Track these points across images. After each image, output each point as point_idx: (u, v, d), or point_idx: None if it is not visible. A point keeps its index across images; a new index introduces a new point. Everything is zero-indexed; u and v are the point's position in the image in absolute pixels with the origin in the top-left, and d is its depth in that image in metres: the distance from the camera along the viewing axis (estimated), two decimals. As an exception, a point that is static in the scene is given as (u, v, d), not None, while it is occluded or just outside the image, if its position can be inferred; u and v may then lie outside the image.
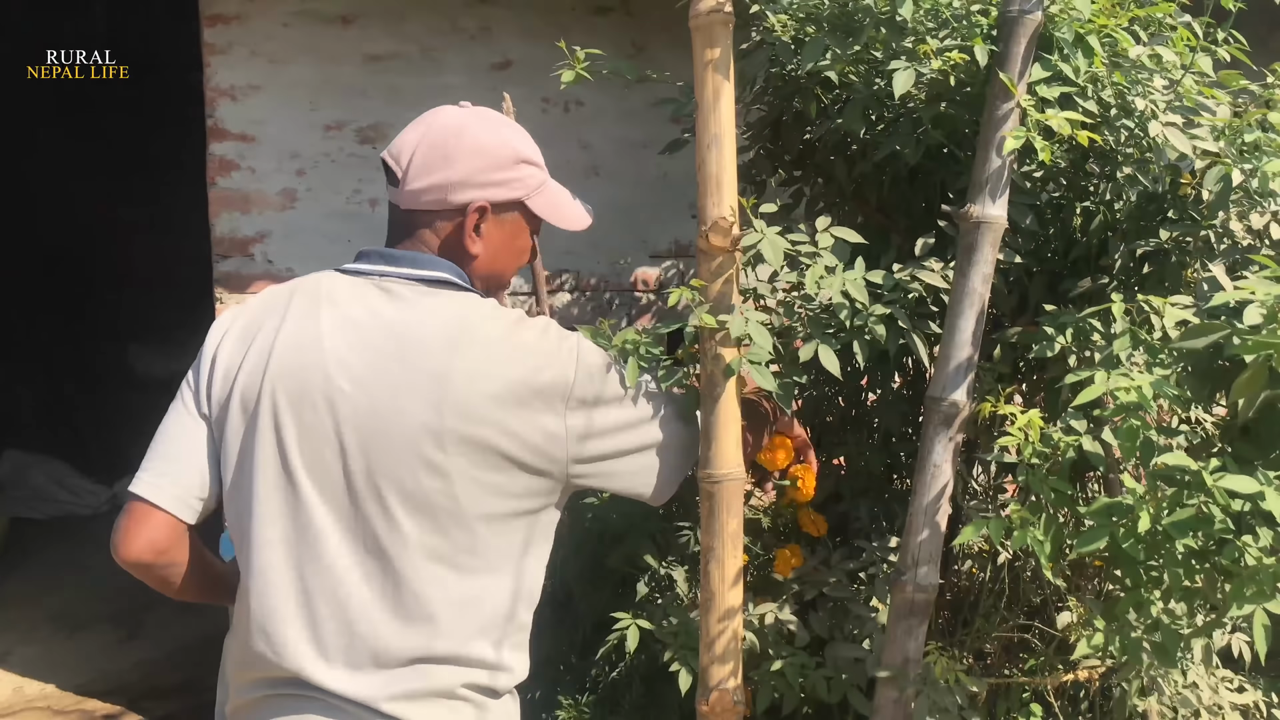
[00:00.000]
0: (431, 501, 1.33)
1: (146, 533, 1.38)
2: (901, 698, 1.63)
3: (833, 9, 1.74)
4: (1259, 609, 1.19)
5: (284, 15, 3.07)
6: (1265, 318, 1.17)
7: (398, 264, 1.42)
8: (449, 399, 1.32)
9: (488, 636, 1.38)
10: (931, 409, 1.61)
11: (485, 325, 1.39)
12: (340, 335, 1.36)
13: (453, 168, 1.42)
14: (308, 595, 1.33)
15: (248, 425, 1.35)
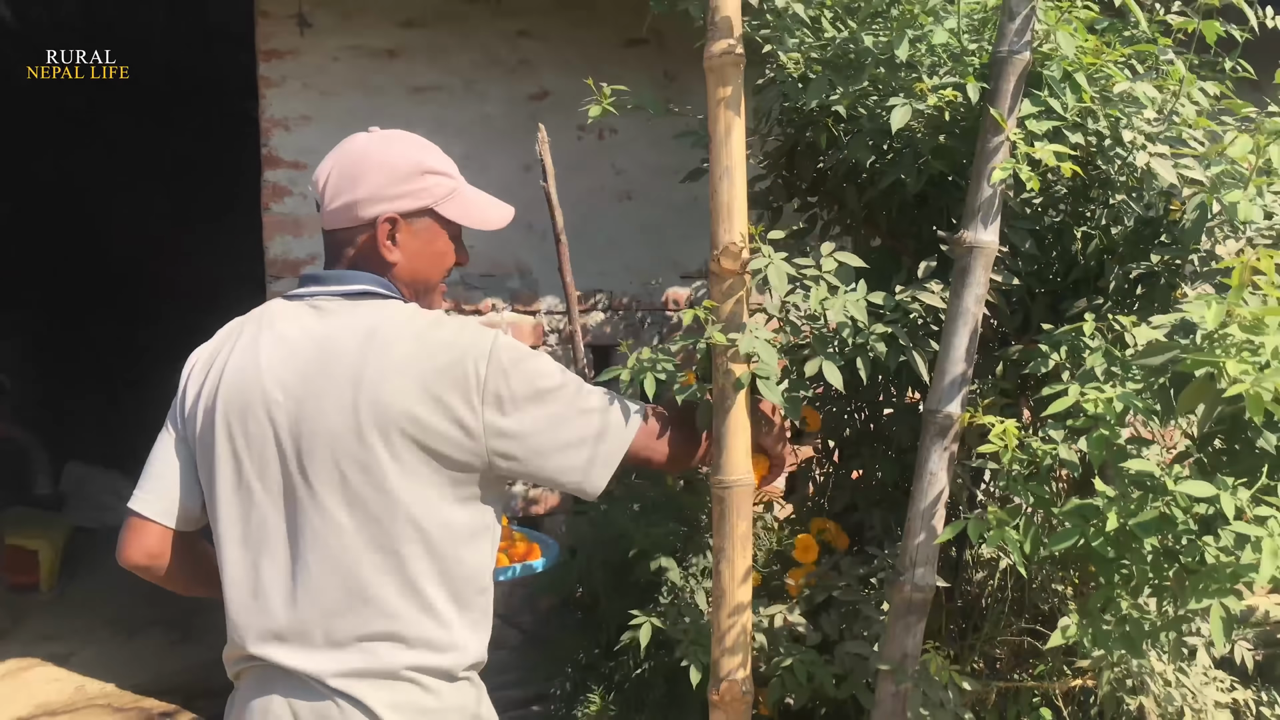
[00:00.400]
0: (362, 494, 1.45)
1: (140, 541, 1.57)
2: (899, 691, 1.74)
3: (836, 50, 1.88)
4: (1216, 603, 1.30)
5: (334, 50, 3.25)
6: (1203, 336, 1.28)
7: (326, 283, 1.57)
8: (363, 397, 1.45)
9: (432, 618, 1.49)
10: (928, 421, 1.73)
11: (397, 328, 1.51)
12: (274, 352, 1.51)
13: (359, 186, 1.55)
14: (263, 586, 1.48)
15: (214, 442, 1.51)
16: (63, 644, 4.44)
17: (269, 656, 1.47)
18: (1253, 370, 1.19)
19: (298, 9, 3.17)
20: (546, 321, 3.49)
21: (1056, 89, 1.74)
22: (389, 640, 1.47)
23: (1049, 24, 1.74)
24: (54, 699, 3.88)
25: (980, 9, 1.88)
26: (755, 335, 1.69)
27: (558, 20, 3.43)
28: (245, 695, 1.53)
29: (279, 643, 1.47)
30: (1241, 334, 1.23)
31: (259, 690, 1.50)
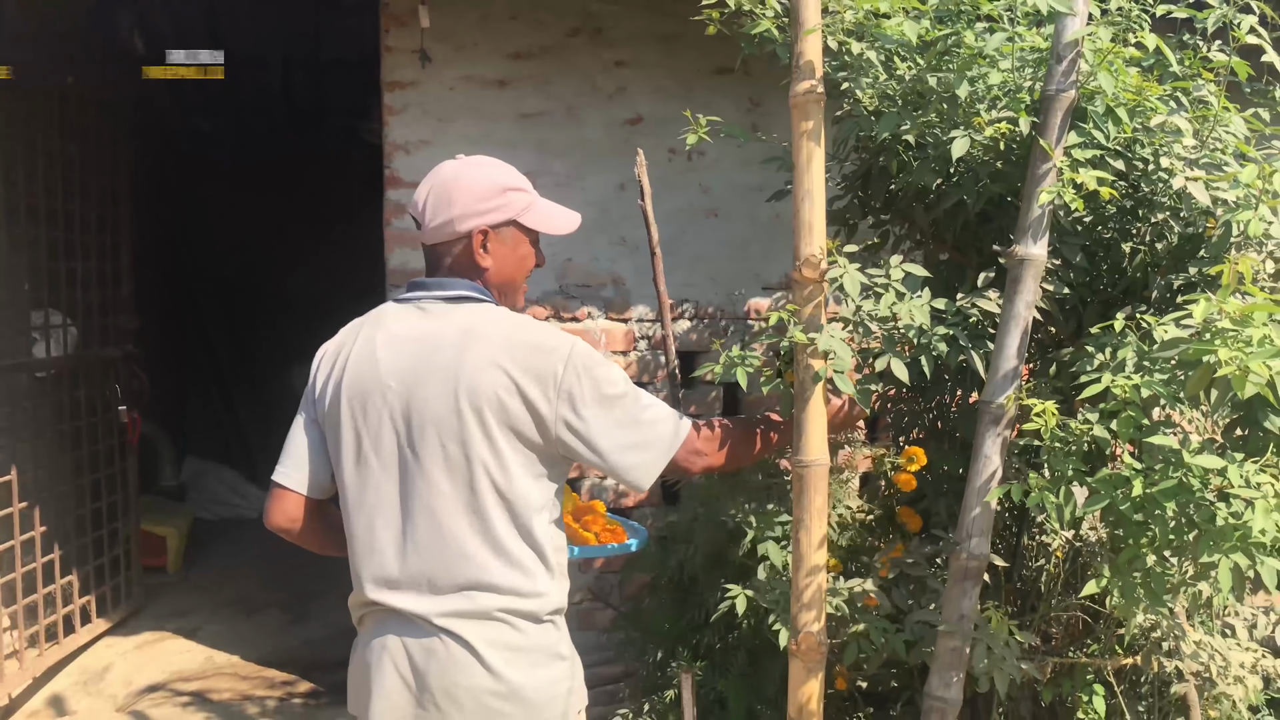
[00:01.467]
0: (459, 465, 1.74)
1: (282, 507, 1.90)
2: (956, 647, 1.99)
3: (906, 88, 2.15)
4: (1223, 558, 1.53)
5: (450, 80, 3.60)
6: (1201, 330, 1.53)
7: (429, 289, 1.85)
8: (461, 383, 1.73)
9: (519, 569, 1.77)
10: (983, 410, 1.99)
11: (490, 327, 1.79)
12: (388, 348, 1.81)
13: (454, 206, 1.84)
14: (380, 542, 1.80)
15: (340, 422, 1.83)
16: (190, 620, 4.85)
17: (384, 601, 1.78)
18: (1242, 356, 1.44)
19: (419, 44, 3.52)
20: (637, 329, 3.78)
21: (1099, 122, 1.98)
22: (483, 588, 1.77)
23: (1094, 64, 1.99)
24: (186, 667, 4.28)
25: (1033, 50, 2.13)
26: (832, 335, 1.96)
27: (652, 51, 3.73)
28: (366, 637, 1.84)
29: (392, 590, 1.78)
30: (1231, 325, 1.48)
31: (377, 631, 1.81)
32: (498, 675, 1.75)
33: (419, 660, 1.75)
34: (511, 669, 1.76)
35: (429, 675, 1.74)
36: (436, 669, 1.74)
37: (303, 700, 3.89)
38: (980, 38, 2.13)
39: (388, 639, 1.79)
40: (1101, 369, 2.06)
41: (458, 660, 1.74)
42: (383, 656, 1.79)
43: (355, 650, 1.90)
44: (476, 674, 1.74)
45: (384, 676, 1.78)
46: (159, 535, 5.42)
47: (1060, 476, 1.73)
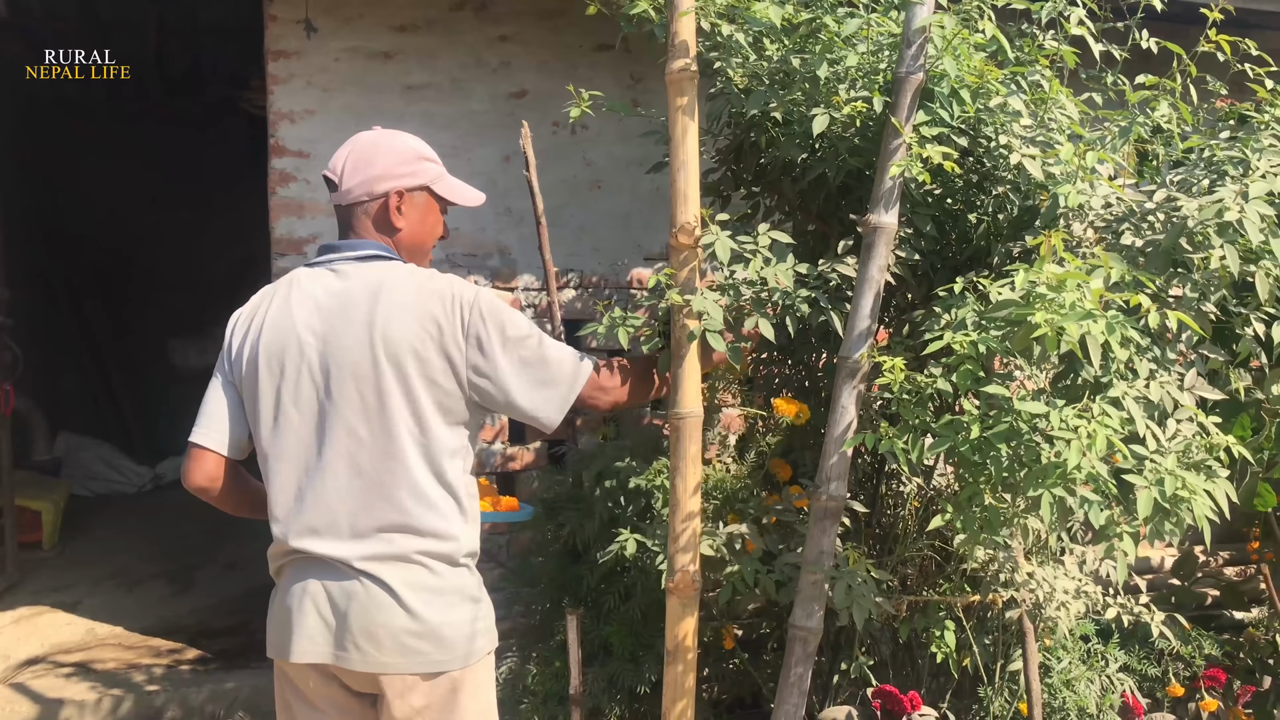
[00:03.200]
0: (375, 412, 1.85)
1: (201, 467, 1.98)
2: (818, 580, 2.19)
3: (772, 68, 2.31)
4: (1046, 492, 1.75)
5: (335, 51, 3.64)
6: (1023, 297, 1.75)
7: (341, 251, 1.97)
8: (376, 334, 1.85)
9: (435, 513, 1.88)
10: (840, 365, 2.18)
11: (401, 280, 1.91)
12: (303, 306, 1.91)
13: (373, 167, 1.97)
14: (301, 491, 1.89)
15: (257, 380, 1.92)
16: (70, 594, 4.79)
17: (306, 548, 1.88)
18: (1057, 318, 1.65)
19: (304, 14, 3.55)
20: (524, 297, 3.89)
21: (945, 102, 2.18)
22: (402, 531, 1.87)
23: (940, 50, 2.18)
24: (67, 640, 4.24)
25: (889, 35, 2.32)
26: (705, 296, 2.12)
27: (535, 27, 3.83)
28: (286, 584, 1.94)
29: (314, 536, 1.88)
30: (1048, 290, 1.69)
31: (297, 577, 1.91)
32: (415, 615, 1.85)
33: (339, 602, 1.85)
34: (429, 609, 1.86)
35: (349, 616, 1.84)
36: (357, 609, 1.84)
37: (190, 667, 3.91)
38: (840, 22, 2.31)
39: (309, 583, 1.88)
40: (947, 328, 2.27)
41: (377, 601, 1.84)
42: (304, 600, 1.87)
43: (275, 598, 1.97)
44: (395, 614, 1.84)
45: (305, 618, 1.86)
46: (34, 510, 5.31)
47: (908, 425, 1.93)
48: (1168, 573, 4.53)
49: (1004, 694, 2.97)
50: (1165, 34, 2.65)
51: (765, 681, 3.13)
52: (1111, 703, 3.09)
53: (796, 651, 2.20)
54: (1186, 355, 2.13)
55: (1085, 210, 2.15)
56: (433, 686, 1.88)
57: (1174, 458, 1.77)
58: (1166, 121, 2.58)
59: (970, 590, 2.86)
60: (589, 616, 2.98)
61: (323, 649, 1.86)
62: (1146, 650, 3.48)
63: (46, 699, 3.56)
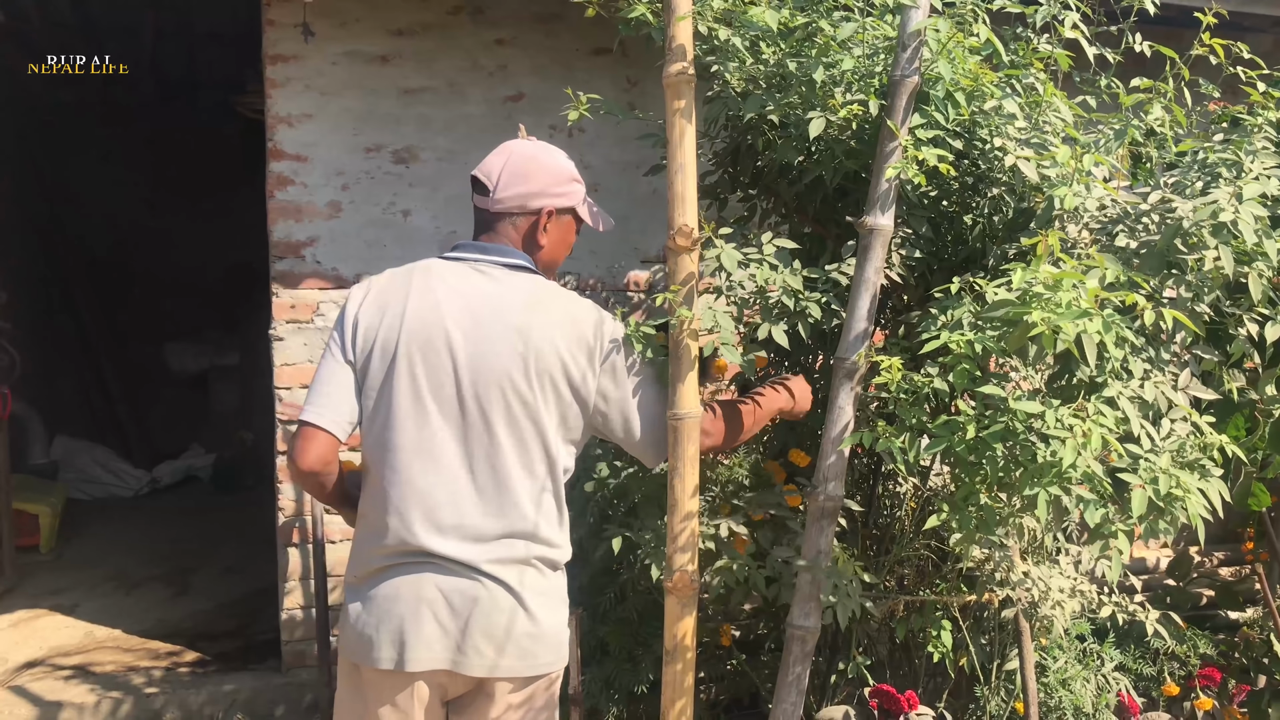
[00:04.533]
0: (520, 423, 1.89)
1: (316, 448, 1.90)
2: (814, 579, 2.20)
3: (769, 72, 2.33)
4: (1041, 490, 1.76)
5: (333, 55, 3.65)
6: (1019, 297, 1.76)
7: (487, 253, 1.99)
8: (530, 345, 1.89)
9: (549, 523, 1.94)
10: (837, 366, 2.19)
11: (553, 298, 1.97)
12: (451, 303, 1.92)
13: (530, 182, 2.02)
14: (430, 488, 1.88)
15: (387, 368, 1.90)
16: (67, 597, 4.79)
17: (430, 546, 1.86)
18: (1053, 317, 1.67)
19: (302, 19, 3.56)
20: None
21: (940, 105, 2.20)
22: (525, 537, 1.91)
23: (935, 53, 2.20)
24: (66, 642, 4.24)
25: (885, 39, 2.33)
26: (712, 309, 2.14)
27: (532, 30, 3.85)
28: (392, 588, 1.88)
29: (440, 535, 1.87)
30: (1044, 290, 1.71)
31: (409, 580, 1.87)
32: (534, 617, 1.89)
33: (458, 604, 1.86)
34: (544, 611, 1.91)
35: (471, 619, 1.86)
36: (480, 613, 1.86)
37: (189, 669, 3.91)
38: (836, 26, 2.32)
39: (423, 585, 1.87)
40: (943, 329, 2.29)
41: (500, 604, 1.87)
42: (419, 607, 1.86)
43: (369, 602, 1.90)
44: (518, 616, 1.88)
45: (421, 623, 1.85)
46: (31, 513, 5.31)
47: (905, 425, 1.95)
48: (1163, 573, 4.55)
49: (1000, 693, 2.99)
50: (1159, 37, 2.67)
51: (763, 682, 3.15)
52: (1107, 702, 3.11)
53: (794, 651, 2.21)
54: (1181, 356, 2.14)
55: (1080, 212, 2.17)
56: (537, 687, 1.94)
57: (1168, 457, 1.79)
58: (1160, 124, 2.60)
59: (967, 590, 2.88)
60: (586, 617, 2.99)
61: (440, 654, 1.86)
62: (1142, 650, 3.50)
63: (46, 701, 3.56)
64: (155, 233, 7.96)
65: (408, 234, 3.75)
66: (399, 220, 3.75)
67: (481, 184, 2.04)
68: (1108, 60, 2.67)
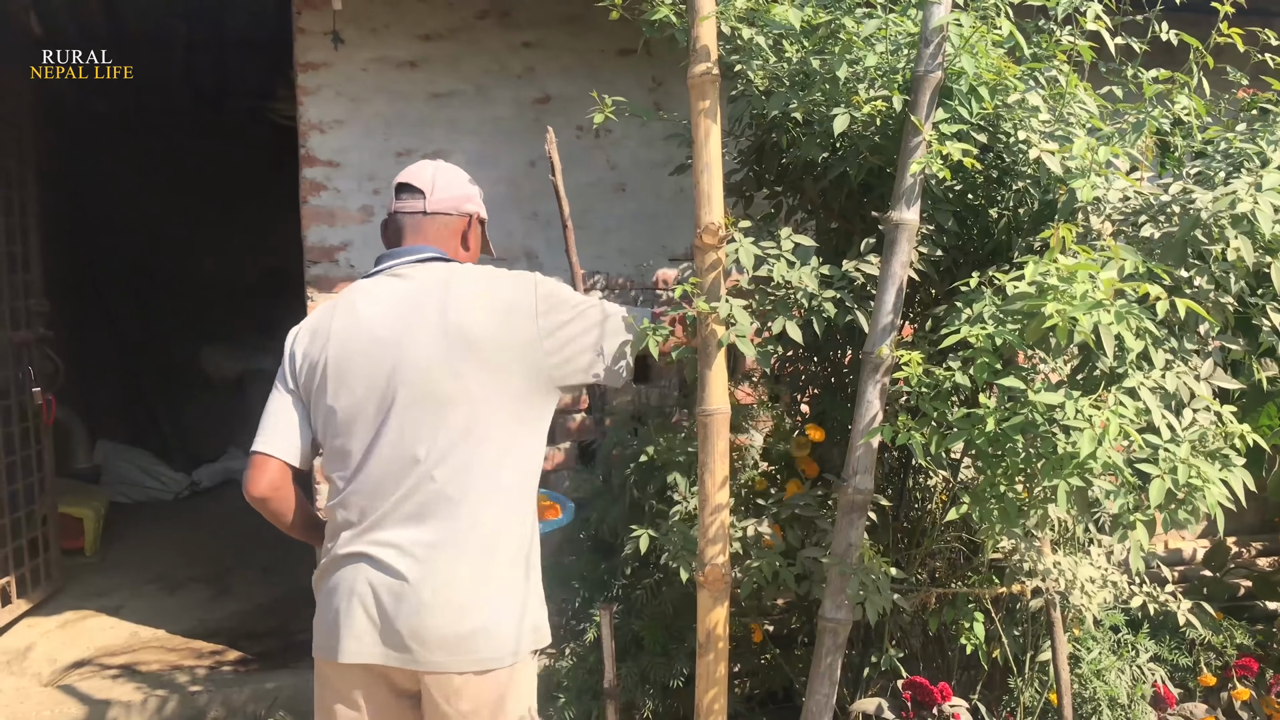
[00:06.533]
0: (449, 403, 1.90)
1: (265, 475, 2.00)
2: (844, 574, 2.22)
3: (792, 70, 2.35)
4: (1062, 481, 1.78)
5: (363, 61, 3.71)
6: (1036, 289, 1.78)
7: (398, 257, 2.07)
8: (450, 321, 1.92)
9: (499, 507, 1.94)
10: (864, 361, 2.21)
11: (466, 273, 2.03)
12: (371, 309, 2.00)
13: (462, 188, 2.17)
14: (371, 486, 1.92)
15: (329, 387, 1.97)
16: (112, 599, 4.89)
17: (369, 541, 1.91)
18: (1069, 309, 1.68)
19: (332, 26, 3.62)
20: (550, 299, 3.95)
21: (963, 99, 2.21)
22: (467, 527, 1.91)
23: (958, 48, 2.21)
24: (112, 643, 4.34)
25: (907, 35, 2.35)
26: (730, 302, 2.16)
27: (558, 32, 3.89)
28: (335, 583, 1.96)
29: (377, 530, 1.91)
30: (1060, 282, 1.72)
31: (346, 575, 1.94)
32: (467, 612, 1.89)
33: (385, 599, 1.89)
34: (482, 607, 1.91)
35: (399, 614, 1.88)
36: (407, 608, 1.88)
37: (233, 668, 3.99)
38: (859, 23, 2.34)
39: (358, 578, 1.92)
40: (966, 322, 2.30)
41: (426, 598, 1.88)
42: (351, 596, 1.91)
43: (321, 592, 2.01)
44: (448, 612, 1.88)
45: (353, 616, 1.91)
46: (76, 517, 5.43)
47: (927, 418, 1.96)
48: (1199, 564, 4.53)
49: (1034, 685, 3.00)
50: (1187, 25, 2.66)
51: (797, 676, 3.17)
52: (1143, 693, 3.10)
53: (826, 642, 2.24)
54: (1206, 346, 2.15)
55: (1102, 204, 2.17)
56: (482, 683, 1.91)
57: (1188, 446, 1.79)
58: (1186, 114, 2.60)
59: (998, 582, 2.89)
60: (621, 612, 3.03)
61: (370, 648, 1.90)
62: (1177, 640, 3.49)
63: (94, 700, 3.65)
64: (190, 239, 8.07)
65: (438, 236, 3.80)
66: (430, 223, 3.79)
67: (414, 189, 2.14)
68: (1134, 50, 2.66)
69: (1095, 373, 1.90)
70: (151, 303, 8.01)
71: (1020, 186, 2.45)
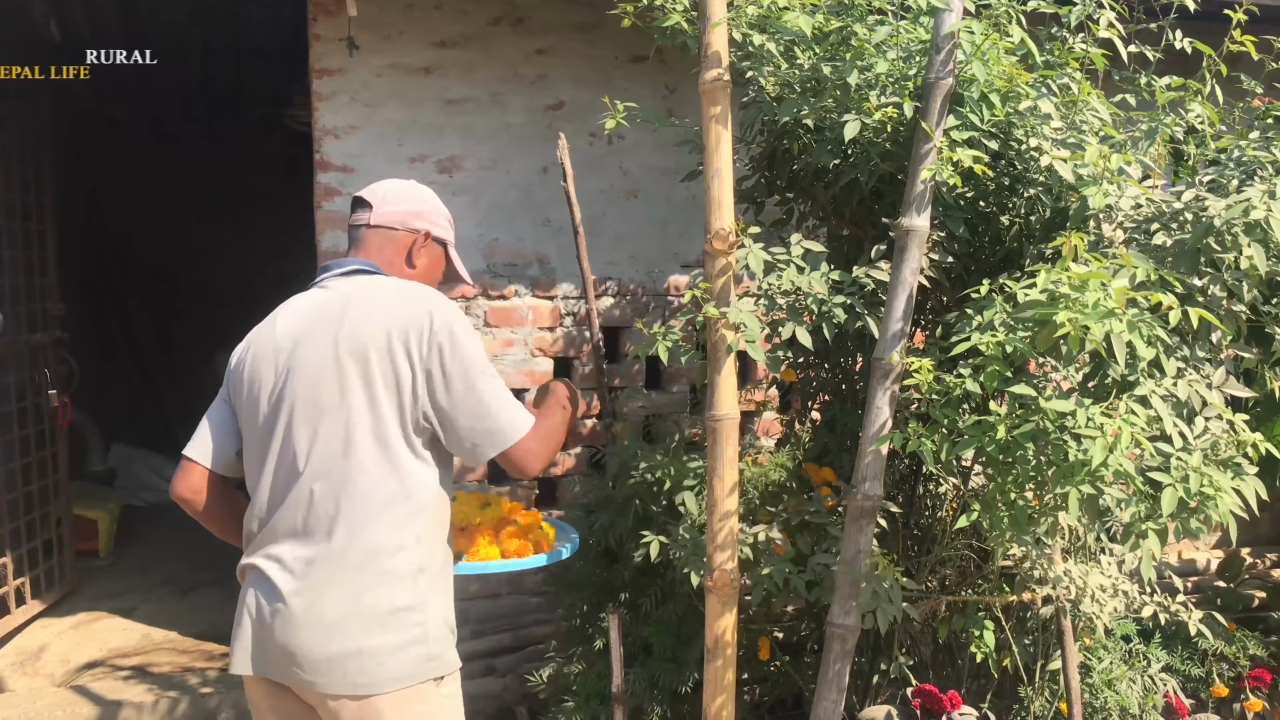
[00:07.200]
0: (333, 410, 1.84)
1: (186, 478, 2.00)
2: (854, 580, 2.22)
3: (803, 76, 2.36)
4: (1073, 489, 1.77)
5: (377, 68, 3.72)
6: (1048, 297, 1.77)
7: (330, 270, 2.03)
8: (343, 331, 1.86)
9: (385, 520, 1.83)
10: (874, 367, 2.21)
11: (375, 288, 1.94)
12: (286, 319, 1.96)
13: (415, 204, 2.09)
14: (261, 500, 1.89)
15: (243, 396, 1.96)
16: (125, 600, 4.91)
17: (257, 555, 1.88)
18: (1080, 317, 1.68)
19: (347, 32, 3.64)
20: (563, 306, 3.96)
21: (974, 106, 2.21)
22: (345, 544, 1.83)
23: (969, 55, 2.21)
24: (124, 644, 4.35)
25: (919, 42, 2.35)
26: (740, 308, 2.17)
27: (571, 39, 3.90)
28: (243, 588, 1.92)
29: (262, 545, 1.88)
30: (1071, 290, 1.72)
31: (245, 580, 1.91)
32: (344, 634, 1.81)
33: (268, 615, 1.84)
34: (361, 630, 1.82)
35: (274, 631, 1.83)
36: (280, 625, 1.82)
37: (243, 671, 4.00)
38: (871, 30, 2.35)
39: (248, 592, 1.88)
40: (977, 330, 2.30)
41: (298, 618, 1.81)
42: (242, 609, 1.88)
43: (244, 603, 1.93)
44: (322, 632, 1.81)
45: (242, 629, 1.87)
46: (90, 519, 5.45)
47: (937, 425, 1.96)
48: (1213, 575, 4.50)
49: (1045, 694, 2.98)
50: (1201, 33, 2.66)
51: (806, 684, 3.16)
52: (1155, 703, 3.08)
53: (835, 648, 2.24)
54: (1218, 355, 2.14)
55: (1114, 211, 2.17)
56: (360, 710, 1.83)
57: (1199, 455, 1.79)
58: (1200, 121, 2.59)
59: (1008, 590, 2.88)
60: (629, 617, 3.03)
61: (258, 662, 1.86)
62: (1190, 651, 3.47)
63: (106, 700, 3.67)
64: (204, 244, 8.12)
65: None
66: (442, 228, 3.80)
67: (365, 202, 2.10)
68: (1147, 58, 2.66)
69: (1107, 381, 1.90)
70: (166, 308, 8.06)
71: (1032, 194, 2.45)
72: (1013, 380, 1.89)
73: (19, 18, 4.77)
